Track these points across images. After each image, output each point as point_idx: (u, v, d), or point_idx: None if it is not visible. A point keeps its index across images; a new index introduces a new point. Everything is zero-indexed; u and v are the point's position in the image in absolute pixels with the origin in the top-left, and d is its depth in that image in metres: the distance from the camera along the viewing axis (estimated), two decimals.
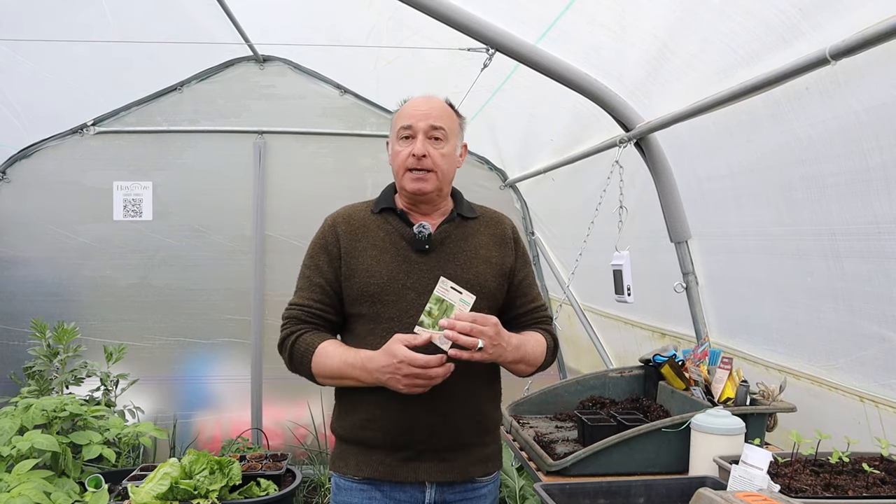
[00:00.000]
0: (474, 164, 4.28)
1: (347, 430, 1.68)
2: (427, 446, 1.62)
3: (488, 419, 1.72)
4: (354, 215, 1.73)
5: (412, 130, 1.65)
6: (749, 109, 1.80)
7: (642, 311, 3.01)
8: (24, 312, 3.91)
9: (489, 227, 1.76)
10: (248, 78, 4.19)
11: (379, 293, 1.62)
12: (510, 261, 1.74)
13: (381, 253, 1.65)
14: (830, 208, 1.65)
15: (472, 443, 1.68)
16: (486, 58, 2.51)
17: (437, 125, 1.65)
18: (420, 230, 1.65)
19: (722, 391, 1.95)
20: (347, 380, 1.60)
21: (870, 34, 1.27)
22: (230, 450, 3.79)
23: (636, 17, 1.96)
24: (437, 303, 1.53)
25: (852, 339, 1.73)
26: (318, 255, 1.70)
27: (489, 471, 1.73)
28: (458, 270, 1.65)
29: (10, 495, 2.39)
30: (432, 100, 1.70)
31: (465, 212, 1.75)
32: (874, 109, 1.42)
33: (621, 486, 1.52)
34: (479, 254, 1.70)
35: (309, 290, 1.69)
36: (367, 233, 1.69)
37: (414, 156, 1.63)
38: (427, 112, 1.65)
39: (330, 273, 1.67)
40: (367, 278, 1.63)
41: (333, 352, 1.61)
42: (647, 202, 2.49)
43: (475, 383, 1.65)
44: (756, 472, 1.42)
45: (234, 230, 4.19)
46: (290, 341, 1.66)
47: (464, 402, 1.63)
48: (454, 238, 1.70)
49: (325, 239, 1.70)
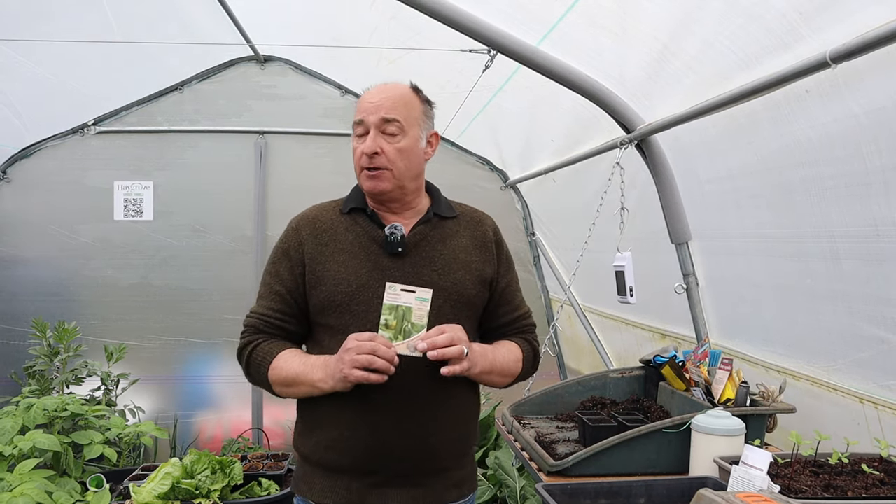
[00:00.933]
0: (475, 164, 4.29)
1: (311, 449, 1.53)
2: (400, 471, 1.48)
3: (467, 440, 1.59)
4: (321, 217, 1.59)
5: (364, 126, 1.51)
6: (749, 112, 1.80)
7: (643, 312, 3.02)
8: (24, 312, 3.91)
9: (469, 229, 1.62)
10: (249, 78, 4.19)
11: (347, 303, 1.47)
12: (491, 268, 1.60)
13: (349, 258, 1.51)
14: (830, 211, 1.66)
15: (449, 466, 1.55)
16: (488, 59, 2.52)
17: (390, 117, 1.48)
18: (392, 232, 1.51)
19: (722, 392, 1.96)
20: (304, 385, 1.46)
21: (870, 38, 1.28)
22: (231, 450, 3.80)
23: (637, 19, 1.97)
24: (391, 311, 1.39)
25: (851, 341, 1.74)
26: (280, 262, 1.57)
27: (464, 494, 1.59)
28: (434, 276, 1.51)
29: (11, 495, 2.40)
30: (387, 88, 1.53)
31: (442, 210, 1.61)
32: (874, 113, 1.43)
33: (622, 486, 1.53)
34: (457, 258, 1.56)
35: (268, 299, 1.56)
36: (335, 236, 1.55)
37: (365, 154, 1.49)
38: (378, 104, 1.49)
39: (290, 281, 1.54)
40: (334, 287, 1.49)
41: (292, 357, 1.50)
42: (647, 203, 2.50)
43: (455, 401, 1.52)
44: (756, 472, 1.43)
45: (235, 230, 4.20)
46: (247, 351, 1.54)
47: (443, 422, 1.50)
48: (430, 240, 1.56)
49: (288, 244, 1.57)
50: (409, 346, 1.38)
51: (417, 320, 1.39)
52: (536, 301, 4.34)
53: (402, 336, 1.38)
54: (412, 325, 1.39)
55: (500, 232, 1.69)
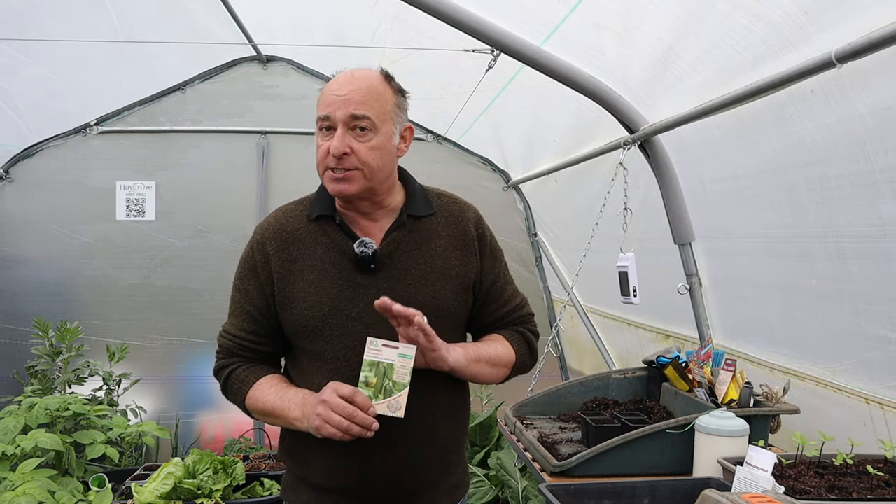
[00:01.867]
0: (477, 164, 4.29)
1: (299, 468, 1.48)
2: (389, 493, 1.42)
3: (453, 450, 1.51)
4: (287, 226, 1.45)
5: (330, 121, 1.35)
6: (754, 112, 1.80)
7: (646, 313, 3.01)
8: (26, 312, 3.91)
9: (448, 227, 1.48)
10: (251, 78, 4.19)
11: (320, 327, 1.38)
12: (474, 269, 1.48)
13: (319, 276, 1.39)
14: (835, 210, 1.65)
15: (436, 481, 1.48)
16: (491, 59, 2.51)
17: (360, 114, 1.33)
18: (362, 250, 1.38)
19: (725, 393, 1.95)
20: (280, 419, 1.39)
21: (876, 38, 1.28)
22: (233, 449, 3.79)
23: (641, 19, 1.96)
24: (371, 368, 1.31)
25: (857, 341, 1.73)
26: (247, 279, 1.45)
27: (457, 497, 1.54)
28: (410, 292, 1.39)
29: (14, 494, 2.40)
30: (356, 78, 1.38)
31: (418, 209, 1.46)
32: (880, 112, 1.42)
33: (626, 486, 1.53)
34: (435, 266, 1.43)
35: (239, 318, 1.47)
36: (304, 250, 1.42)
37: (332, 154, 1.34)
38: (347, 97, 1.34)
39: (260, 301, 1.43)
40: (305, 310, 1.38)
41: (269, 389, 1.42)
42: (650, 204, 2.50)
43: (437, 419, 1.44)
44: (760, 473, 1.42)
45: (237, 230, 4.18)
46: (223, 374, 1.49)
47: (427, 444, 1.43)
48: (405, 248, 1.43)
49: (254, 259, 1.44)
50: (389, 406, 1.30)
51: (399, 378, 1.31)
52: (539, 302, 4.33)
53: (382, 395, 1.31)
54: (393, 383, 1.31)
55: (484, 221, 1.55)
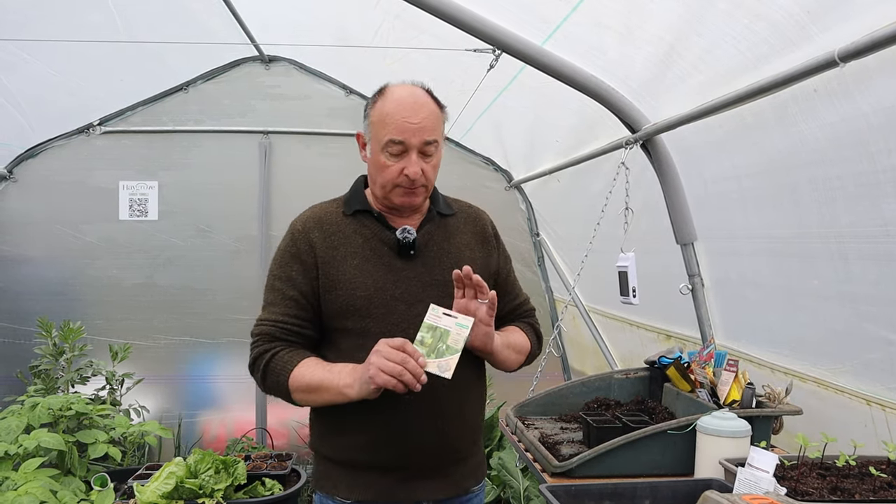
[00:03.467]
0: (479, 164, 4.28)
1: (335, 451, 1.56)
2: (424, 465, 1.54)
3: (478, 429, 1.67)
4: (326, 219, 1.58)
5: (405, 146, 1.48)
6: (756, 112, 1.79)
7: (647, 313, 3.01)
8: (30, 311, 3.92)
9: (469, 225, 1.66)
10: (253, 78, 4.20)
11: (366, 306, 1.49)
12: (494, 260, 1.67)
13: (362, 262, 1.52)
14: (838, 211, 1.65)
15: (467, 455, 1.63)
16: (493, 58, 2.51)
17: (431, 139, 1.49)
18: (405, 236, 1.52)
19: (727, 393, 1.94)
20: (328, 392, 1.44)
21: (879, 36, 1.27)
22: (235, 449, 3.80)
23: (642, 19, 1.96)
24: (429, 330, 1.40)
25: (859, 342, 1.72)
26: (290, 266, 1.54)
27: (479, 479, 1.69)
28: (445, 275, 1.52)
29: (17, 493, 2.40)
30: (421, 104, 1.50)
31: (442, 208, 1.64)
32: (883, 111, 1.41)
33: (627, 487, 1.52)
34: (463, 255, 1.59)
35: (282, 305, 1.53)
36: (344, 240, 1.54)
37: (408, 176, 1.48)
38: (420, 126, 1.47)
39: (305, 285, 1.52)
40: (351, 290, 1.49)
41: (315, 365, 1.48)
42: (652, 204, 2.49)
43: (467, 395, 1.59)
44: (762, 474, 1.41)
45: (240, 230, 4.20)
46: (264, 359, 1.50)
47: (459, 416, 1.56)
48: (437, 239, 1.59)
49: (298, 247, 1.54)
50: (439, 367, 1.37)
51: (454, 343, 1.39)
52: (540, 301, 4.32)
53: (434, 355, 1.37)
54: (447, 346, 1.39)
55: (495, 225, 1.75)
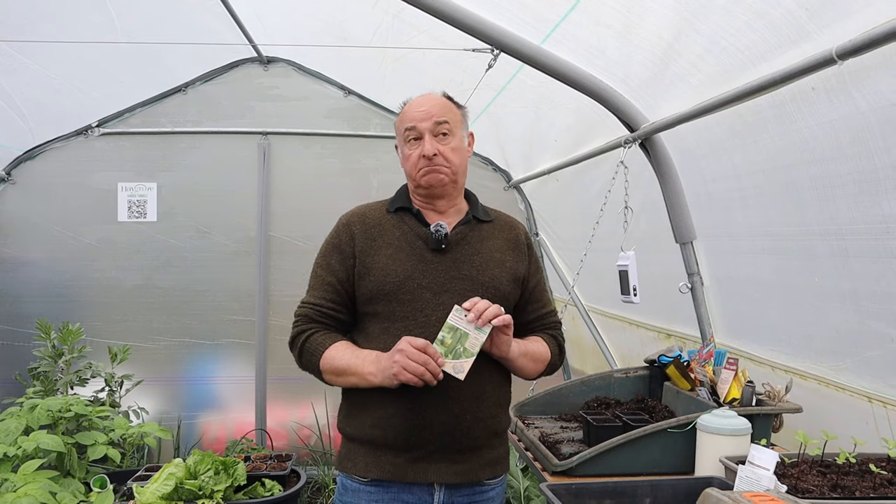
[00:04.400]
0: (478, 164, 4.29)
1: (357, 428, 1.66)
2: (438, 447, 1.60)
3: (498, 422, 1.70)
4: (369, 214, 1.73)
5: (418, 132, 1.65)
6: (755, 110, 1.79)
7: (647, 312, 3.01)
8: (29, 313, 3.92)
9: (503, 232, 1.77)
10: (252, 79, 4.20)
11: (395, 291, 1.61)
12: (524, 267, 1.75)
13: (396, 252, 1.65)
14: (838, 208, 1.65)
15: (482, 445, 1.66)
16: (491, 58, 2.51)
17: (441, 120, 1.65)
18: (437, 229, 1.65)
19: (727, 392, 1.95)
20: (354, 376, 1.59)
21: (877, 34, 1.27)
22: (235, 450, 3.79)
23: (641, 18, 1.96)
24: (450, 331, 1.49)
25: (860, 340, 1.72)
26: (331, 255, 1.70)
27: (497, 473, 1.71)
28: (473, 272, 1.65)
29: (16, 495, 2.40)
30: (431, 97, 1.70)
31: (480, 214, 1.76)
32: (882, 109, 1.42)
33: (627, 486, 1.52)
34: (493, 257, 1.70)
35: (321, 289, 1.69)
36: (383, 232, 1.69)
37: (425, 157, 1.63)
38: (428, 111, 1.66)
39: (342, 272, 1.67)
40: (383, 277, 1.62)
41: (344, 350, 1.62)
42: (651, 203, 2.49)
43: (486, 386, 1.64)
44: (763, 472, 1.41)
45: (239, 231, 4.20)
46: (301, 339, 1.67)
47: (476, 403, 1.62)
48: (470, 240, 1.70)
49: (339, 238, 1.70)
50: (454, 368, 1.47)
51: (471, 347, 1.49)
52: None
53: (451, 356, 1.48)
54: (464, 349, 1.49)
55: (531, 237, 1.86)
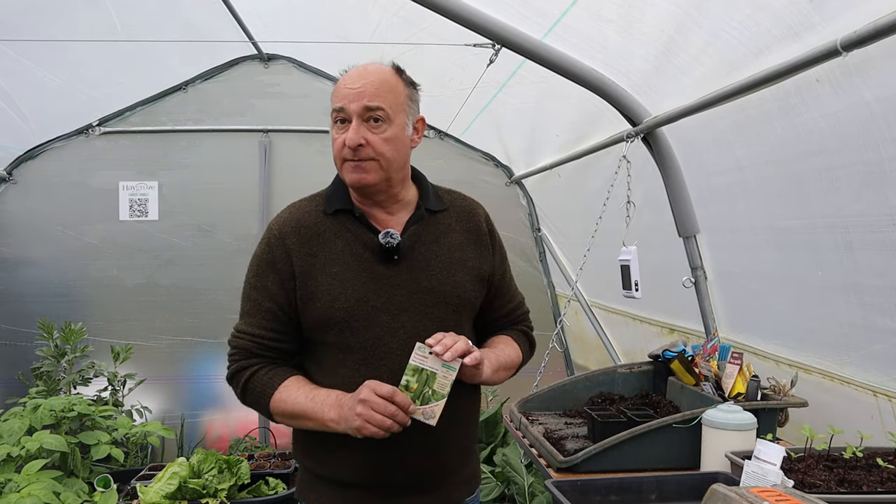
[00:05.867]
0: (480, 160, 4.27)
1: (318, 466, 1.48)
2: (411, 481, 1.45)
3: (470, 439, 1.57)
4: (304, 221, 1.45)
5: (345, 113, 1.39)
6: (758, 103, 1.78)
7: (651, 307, 3.00)
8: (31, 313, 3.91)
9: (461, 222, 1.54)
10: (252, 77, 4.19)
11: (346, 319, 1.39)
12: (488, 263, 1.54)
13: (342, 269, 1.41)
14: (843, 200, 1.63)
15: (457, 467, 1.53)
16: (493, 53, 2.50)
17: (373, 105, 1.37)
18: (388, 241, 1.41)
19: (732, 386, 1.94)
20: (311, 421, 1.37)
21: (882, 24, 1.26)
22: (238, 449, 3.79)
23: (642, 11, 1.95)
24: (414, 373, 1.31)
25: (865, 333, 1.71)
26: (265, 275, 1.44)
27: (472, 489, 1.59)
28: (433, 282, 1.43)
29: (19, 495, 2.40)
30: (369, 71, 1.42)
31: (431, 204, 1.51)
32: (887, 100, 1.40)
33: (633, 482, 1.51)
34: (453, 258, 1.47)
35: (258, 316, 1.44)
36: (323, 244, 1.43)
37: (348, 146, 1.37)
38: (361, 90, 1.38)
39: (281, 296, 1.42)
40: (330, 303, 1.39)
41: (297, 390, 1.40)
42: (654, 197, 2.48)
43: (457, 412, 1.44)
44: (769, 467, 1.41)
45: (241, 229, 4.19)
46: (242, 377, 1.43)
47: (449, 431, 1.42)
48: (424, 240, 1.47)
49: (273, 255, 1.43)
50: (424, 414, 1.32)
51: (440, 388, 1.32)
52: (542, 297, 4.32)
53: (419, 401, 1.32)
54: (433, 391, 1.32)
55: (491, 218, 1.61)
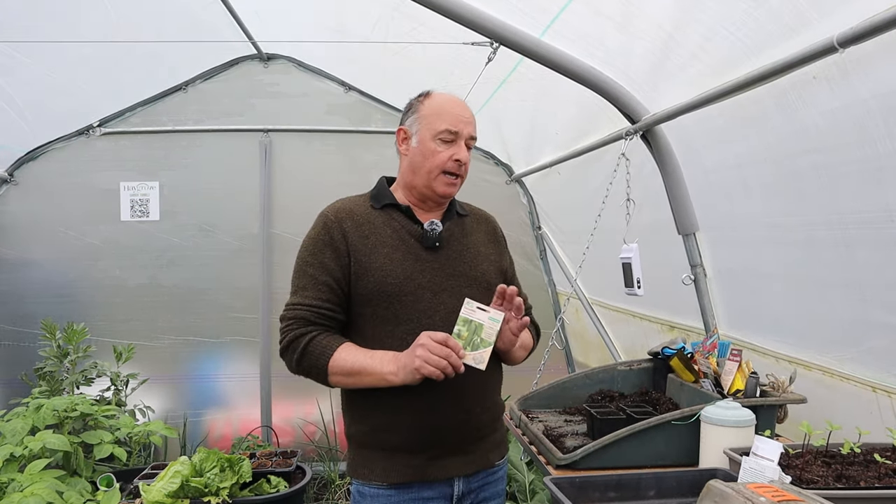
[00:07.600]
0: (480, 158, 4.27)
1: (367, 434, 1.63)
2: (453, 442, 1.62)
3: (500, 407, 1.76)
4: (356, 210, 1.66)
5: (456, 136, 1.63)
6: (756, 99, 1.78)
7: (650, 305, 3.00)
8: (33, 314, 3.93)
9: (481, 225, 1.80)
10: (252, 76, 4.20)
11: (396, 293, 1.57)
12: (505, 259, 1.81)
13: (392, 251, 1.61)
14: (841, 197, 1.64)
15: (489, 432, 1.71)
16: (491, 51, 2.50)
17: (475, 135, 1.67)
18: (433, 228, 1.64)
19: (731, 383, 1.94)
20: (370, 376, 1.52)
21: (878, 21, 1.26)
22: (240, 447, 3.81)
23: (641, 8, 1.95)
24: (465, 324, 1.51)
25: (864, 329, 1.72)
26: (323, 252, 1.60)
27: (503, 454, 1.78)
28: (465, 268, 1.66)
29: (22, 495, 2.41)
30: (466, 106, 1.69)
31: (458, 209, 1.77)
32: (883, 97, 1.40)
33: (631, 479, 1.52)
34: (480, 251, 1.73)
35: (314, 290, 1.58)
36: (375, 230, 1.63)
37: (458, 161, 1.62)
38: (469, 120, 1.65)
39: (338, 271, 1.59)
40: (382, 277, 1.57)
41: (355, 351, 1.55)
42: (653, 195, 2.48)
43: (488, 375, 1.62)
44: (767, 463, 1.41)
45: (241, 229, 4.20)
46: (302, 342, 1.56)
47: (482, 395, 1.66)
48: (457, 235, 1.71)
49: (331, 235, 1.61)
50: (474, 359, 1.49)
51: (487, 337, 1.51)
52: (543, 295, 4.32)
53: (470, 347, 1.49)
54: (481, 339, 1.51)
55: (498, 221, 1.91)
